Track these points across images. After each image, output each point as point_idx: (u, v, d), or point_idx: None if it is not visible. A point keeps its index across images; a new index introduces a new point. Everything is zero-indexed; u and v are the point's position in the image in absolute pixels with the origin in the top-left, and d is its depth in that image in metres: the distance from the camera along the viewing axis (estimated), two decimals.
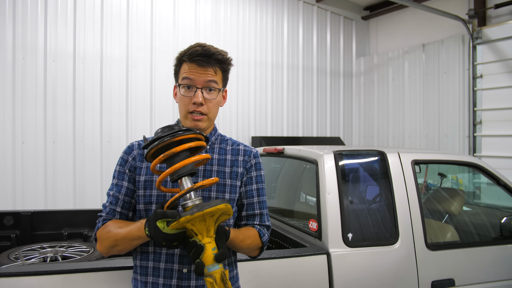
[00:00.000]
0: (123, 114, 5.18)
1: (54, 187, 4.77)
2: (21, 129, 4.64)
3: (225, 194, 1.41)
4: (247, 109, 6.18)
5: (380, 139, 7.17)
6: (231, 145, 1.51)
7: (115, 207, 1.38)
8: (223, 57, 1.42)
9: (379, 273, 2.04)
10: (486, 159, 5.39)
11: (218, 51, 1.41)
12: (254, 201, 1.48)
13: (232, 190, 1.43)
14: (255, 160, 1.50)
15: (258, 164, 1.51)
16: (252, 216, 1.47)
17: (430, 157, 2.59)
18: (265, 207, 1.51)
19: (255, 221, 1.48)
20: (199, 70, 1.36)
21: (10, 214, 2.90)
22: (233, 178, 1.44)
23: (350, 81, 7.49)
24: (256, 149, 1.57)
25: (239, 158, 1.48)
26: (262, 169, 1.53)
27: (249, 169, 1.48)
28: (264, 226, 1.49)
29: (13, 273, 1.53)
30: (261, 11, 6.37)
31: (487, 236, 2.63)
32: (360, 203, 2.22)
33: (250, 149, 1.53)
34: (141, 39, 5.31)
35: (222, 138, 1.53)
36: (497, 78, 5.49)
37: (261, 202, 1.50)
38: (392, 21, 7.26)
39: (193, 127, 1.37)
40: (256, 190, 1.48)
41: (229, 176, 1.44)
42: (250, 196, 1.47)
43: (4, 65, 4.57)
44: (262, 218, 1.49)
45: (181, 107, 1.39)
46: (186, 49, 1.40)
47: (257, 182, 1.49)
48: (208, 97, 1.38)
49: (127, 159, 1.42)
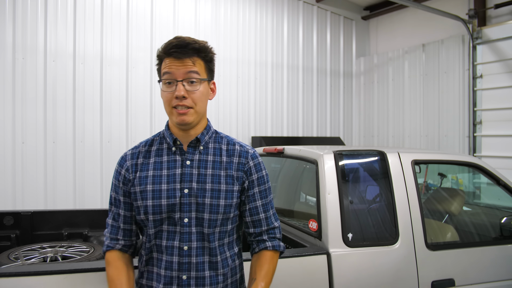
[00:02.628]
0: (123, 114, 5.18)
1: (54, 187, 4.77)
2: (21, 129, 4.64)
3: (219, 200, 1.35)
4: (247, 109, 6.18)
5: (380, 139, 7.17)
6: (226, 144, 1.43)
7: (116, 236, 1.43)
8: (200, 45, 1.35)
9: (379, 273, 2.04)
10: (486, 159, 5.39)
11: (194, 40, 1.35)
12: (257, 205, 1.43)
13: (228, 195, 1.36)
14: (253, 162, 1.43)
15: (258, 165, 1.44)
16: (258, 224, 1.44)
17: (430, 157, 2.59)
18: (269, 209, 1.47)
19: (263, 235, 1.45)
20: (176, 62, 1.31)
21: (10, 214, 2.90)
22: (229, 182, 1.37)
23: (350, 81, 7.49)
24: (254, 149, 1.50)
25: (234, 160, 1.41)
26: (263, 168, 1.47)
27: (247, 172, 1.41)
28: (273, 238, 1.46)
29: (13, 273, 1.53)
30: (261, 11, 6.37)
31: (487, 236, 2.63)
32: (360, 203, 2.22)
33: (246, 149, 1.44)
34: (141, 39, 5.31)
35: (218, 136, 1.45)
36: (497, 78, 5.49)
37: (265, 205, 1.45)
38: (392, 21, 7.26)
39: (179, 122, 1.32)
40: (258, 193, 1.43)
41: (224, 181, 1.37)
42: (253, 200, 1.43)
43: (4, 65, 4.57)
44: (268, 222, 1.45)
45: (165, 104, 1.35)
46: (163, 44, 1.36)
47: (259, 184, 1.44)
48: (191, 89, 1.32)
49: (120, 171, 1.44)
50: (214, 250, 1.35)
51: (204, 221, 1.34)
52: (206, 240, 1.35)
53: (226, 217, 1.37)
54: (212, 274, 1.35)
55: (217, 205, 1.34)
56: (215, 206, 1.34)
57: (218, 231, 1.37)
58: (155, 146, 1.43)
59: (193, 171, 1.36)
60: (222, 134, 1.47)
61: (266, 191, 1.46)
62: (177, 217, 1.34)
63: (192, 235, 1.34)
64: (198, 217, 1.34)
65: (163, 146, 1.42)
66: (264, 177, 1.45)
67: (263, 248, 1.44)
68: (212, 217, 1.34)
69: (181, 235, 1.34)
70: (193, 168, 1.36)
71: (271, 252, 1.44)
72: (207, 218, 1.34)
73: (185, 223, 1.34)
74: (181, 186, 1.34)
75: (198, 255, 1.34)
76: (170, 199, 1.34)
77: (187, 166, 1.37)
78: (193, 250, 1.34)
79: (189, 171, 1.36)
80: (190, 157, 1.38)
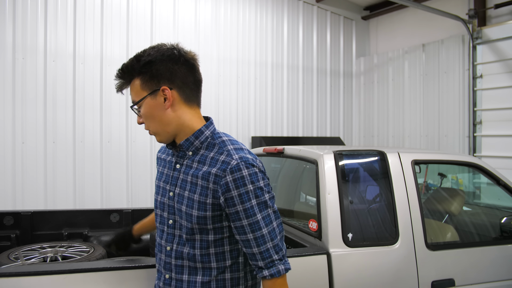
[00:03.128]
0: (123, 114, 5.18)
1: (54, 187, 4.77)
2: (21, 129, 4.64)
3: (193, 210, 1.27)
4: (247, 109, 6.18)
5: (380, 139, 7.17)
6: (215, 152, 1.28)
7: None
8: (127, 66, 1.28)
9: (379, 273, 2.04)
10: (486, 159, 5.39)
11: (123, 66, 1.30)
12: (243, 224, 1.23)
13: (201, 207, 1.25)
14: (232, 176, 1.20)
15: (239, 180, 1.20)
16: (247, 244, 1.25)
17: (430, 157, 2.59)
18: (261, 227, 1.22)
19: (258, 261, 1.24)
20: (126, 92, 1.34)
21: (10, 214, 2.90)
22: (203, 194, 1.25)
23: (350, 81, 7.49)
24: (248, 157, 1.25)
25: (212, 171, 1.24)
26: (249, 183, 1.21)
27: (223, 187, 1.21)
28: (271, 263, 1.24)
29: (13, 273, 1.53)
30: (261, 11, 6.37)
31: (487, 236, 2.63)
32: (360, 203, 2.22)
33: (228, 160, 1.23)
34: (141, 39, 5.31)
35: (211, 142, 1.31)
36: (497, 78, 5.49)
37: (253, 224, 1.22)
38: (392, 21, 7.26)
39: None
40: (243, 211, 1.21)
41: (199, 191, 1.26)
42: (237, 219, 1.23)
43: (4, 65, 4.57)
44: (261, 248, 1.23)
45: None
46: None
47: (242, 201, 1.20)
48: (140, 113, 1.31)
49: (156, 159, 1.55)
50: (194, 256, 1.30)
51: (182, 227, 1.32)
52: (186, 245, 1.31)
53: (202, 228, 1.28)
54: (191, 279, 1.31)
55: (191, 214, 1.28)
56: (189, 215, 1.28)
57: (199, 239, 1.29)
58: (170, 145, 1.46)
59: (180, 176, 1.34)
60: (218, 141, 1.31)
61: (253, 208, 1.21)
62: (165, 217, 1.38)
63: (175, 237, 1.35)
64: (179, 221, 1.33)
65: None
66: (247, 194, 1.21)
67: (262, 277, 1.27)
68: (187, 225, 1.30)
69: (167, 235, 1.37)
70: (180, 173, 1.35)
71: (273, 281, 1.25)
72: (184, 225, 1.31)
73: (170, 224, 1.36)
74: (169, 188, 1.37)
75: (177, 258, 1.33)
76: (162, 198, 1.40)
77: (176, 170, 1.37)
78: (173, 251, 1.34)
79: (176, 174, 1.36)
80: (180, 161, 1.37)
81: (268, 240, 1.23)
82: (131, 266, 1.64)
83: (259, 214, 1.22)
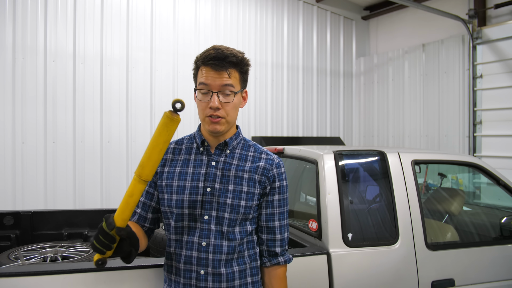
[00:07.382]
0: (123, 114, 5.18)
1: (54, 187, 4.76)
2: (21, 129, 4.64)
3: (240, 201, 1.41)
4: (247, 109, 6.18)
5: (380, 139, 7.17)
6: (253, 152, 1.50)
7: (134, 215, 1.50)
8: (238, 59, 1.39)
9: (379, 273, 2.04)
10: (486, 159, 5.39)
11: (232, 53, 1.39)
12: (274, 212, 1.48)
13: (249, 197, 1.42)
14: (277, 170, 1.48)
15: (281, 175, 1.49)
16: (271, 231, 1.48)
17: (430, 157, 2.59)
18: (284, 218, 1.50)
19: (276, 248, 1.49)
20: (213, 74, 1.37)
21: (10, 214, 2.90)
22: (251, 185, 1.43)
23: (350, 81, 7.49)
24: (280, 158, 1.55)
25: (260, 165, 1.47)
26: (285, 179, 1.51)
27: (271, 178, 1.47)
28: (284, 251, 1.51)
29: (13, 273, 1.53)
30: (261, 11, 6.37)
31: (487, 236, 2.63)
32: (360, 203, 2.22)
33: (272, 157, 1.50)
34: (141, 39, 5.31)
35: (245, 144, 1.52)
36: (497, 78, 5.49)
37: (281, 213, 1.49)
38: (392, 21, 7.26)
39: (211, 130, 1.40)
40: (277, 201, 1.48)
41: (246, 183, 1.43)
42: (271, 207, 1.48)
43: (4, 65, 4.57)
44: (282, 230, 1.50)
45: (199, 112, 1.43)
46: (201, 52, 1.41)
47: (280, 192, 1.48)
48: (225, 100, 1.38)
49: None
50: (232, 248, 1.40)
51: (224, 220, 1.40)
52: (224, 238, 1.40)
53: (245, 218, 1.42)
54: (228, 271, 1.39)
55: (238, 205, 1.40)
56: (236, 207, 1.40)
57: (238, 230, 1.42)
58: (185, 144, 1.51)
59: (217, 172, 1.43)
60: (251, 143, 1.54)
61: (284, 201, 1.50)
62: (198, 214, 1.40)
63: (211, 232, 1.40)
64: (218, 215, 1.40)
65: (192, 146, 1.50)
66: (284, 187, 1.50)
67: (275, 264, 1.49)
68: (232, 217, 1.40)
69: (201, 231, 1.40)
70: (218, 169, 1.43)
71: (283, 268, 1.51)
72: (227, 217, 1.40)
73: (205, 220, 1.40)
74: (204, 184, 1.41)
75: (215, 252, 1.39)
76: (192, 195, 1.41)
77: (212, 167, 1.44)
78: (211, 246, 1.39)
79: (213, 171, 1.43)
80: (216, 159, 1.45)
81: (286, 231, 1.52)
82: (132, 266, 1.64)
83: (284, 207, 1.51)
